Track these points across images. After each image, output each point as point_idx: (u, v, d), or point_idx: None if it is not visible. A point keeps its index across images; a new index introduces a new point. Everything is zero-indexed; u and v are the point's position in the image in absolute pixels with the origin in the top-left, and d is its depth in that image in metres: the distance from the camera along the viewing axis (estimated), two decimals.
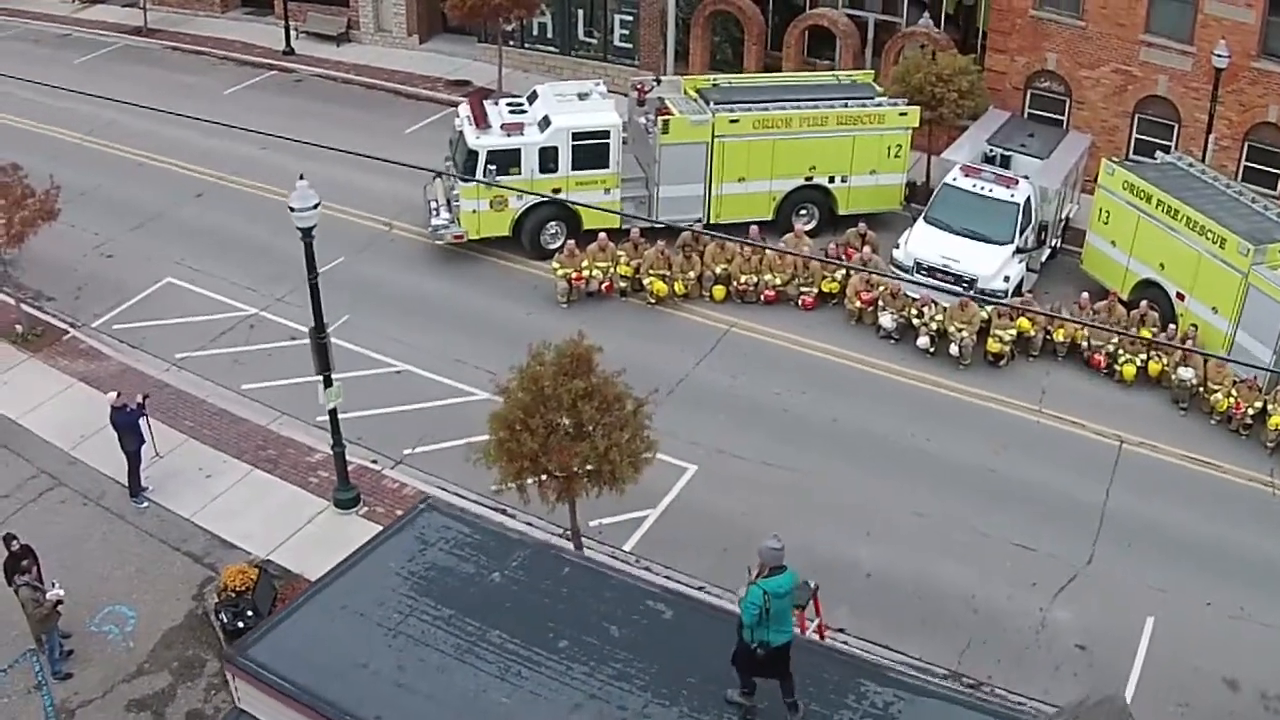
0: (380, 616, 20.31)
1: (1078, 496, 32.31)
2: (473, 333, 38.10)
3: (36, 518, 31.53)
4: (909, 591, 29.48)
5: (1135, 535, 31.17)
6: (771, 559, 18.88)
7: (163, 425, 34.09)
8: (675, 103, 43.26)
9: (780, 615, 18.77)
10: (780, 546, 18.94)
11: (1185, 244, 36.82)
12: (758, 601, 18.51)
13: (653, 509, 31.50)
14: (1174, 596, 29.45)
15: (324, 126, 50.56)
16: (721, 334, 38.52)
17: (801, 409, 35.39)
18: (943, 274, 38.50)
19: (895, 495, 32.25)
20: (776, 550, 18.91)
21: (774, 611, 18.60)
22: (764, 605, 18.46)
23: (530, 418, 25.45)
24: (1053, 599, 29.28)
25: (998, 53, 47.44)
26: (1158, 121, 44.75)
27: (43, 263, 40.99)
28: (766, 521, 30.80)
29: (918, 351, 37.38)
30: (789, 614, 19.20)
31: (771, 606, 18.53)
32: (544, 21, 56.39)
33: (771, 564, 18.86)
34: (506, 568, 21.24)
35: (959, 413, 35.48)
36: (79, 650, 27.92)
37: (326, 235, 41.12)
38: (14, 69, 54.98)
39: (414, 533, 22.15)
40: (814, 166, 42.92)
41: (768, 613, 18.51)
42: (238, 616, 27.38)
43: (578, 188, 41.36)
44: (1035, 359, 37.36)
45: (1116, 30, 44.29)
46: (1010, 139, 42.27)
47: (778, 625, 18.74)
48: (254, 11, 64.86)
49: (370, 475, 32.85)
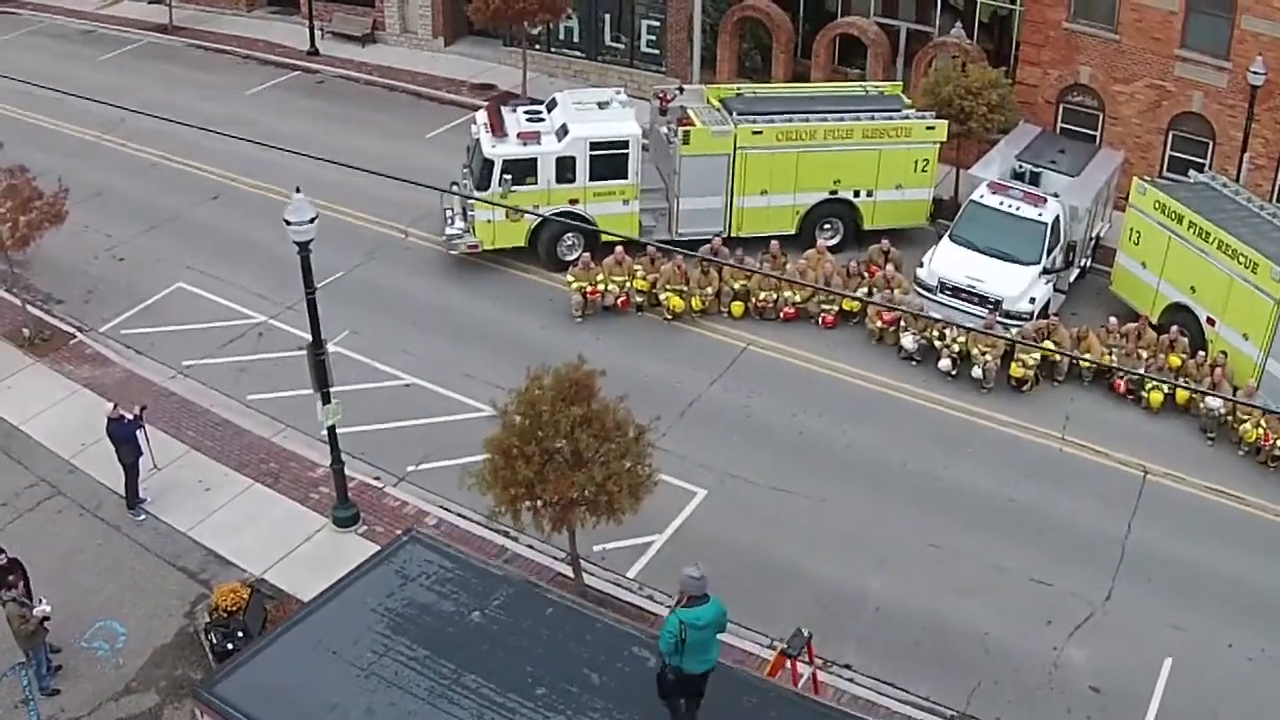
0: (354, 655, 19.64)
1: (1098, 529, 31.30)
2: (484, 346, 37.37)
3: (33, 527, 31.15)
4: (920, 627, 28.55)
5: (1156, 571, 30.15)
6: (691, 588, 18.61)
7: (165, 435, 33.69)
8: (698, 112, 42.35)
9: (700, 646, 18.50)
10: (700, 576, 18.65)
11: (1217, 267, 35.81)
12: (674, 631, 18.32)
13: (659, 534, 30.66)
14: (1193, 637, 28.43)
15: (345, 128, 50.44)
16: (738, 352, 37.66)
17: (817, 432, 34.51)
18: (967, 294, 37.55)
19: (910, 524, 31.32)
20: (696, 580, 18.63)
21: (692, 642, 18.37)
22: (680, 635, 18.23)
23: (526, 444, 24.72)
24: (1068, 638, 28.30)
25: (1030, 65, 46.49)
26: (1192, 139, 43.68)
27: (54, 264, 40.80)
28: (776, 550, 30.34)
29: (939, 374, 36.39)
30: (711, 645, 18.82)
31: (689, 637, 18.29)
32: (570, 26, 55.66)
33: (691, 593, 18.58)
34: (487, 606, 20.52)
35: (980, 439, 34.50)
36: (68, 666, 27.44)
37: (340, 240, 41.08)
38: (36, 65, 55.39)
39: (395, 566, 21.47)
40: (839, 180, 41.97)
41: (684, 642, 18.29)
42: (228, 638, 26.73)
43: (596, 199, 40.57)
44: (1060, 383, 36.36)
45: (1151, 44, 43.27)
46: (1040, 155, 41.20)
47: (697, 655, 18.52)
48: (280, 10, 64.35)
49: (371, 493, 32.17)
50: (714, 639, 18.78)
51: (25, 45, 61.29)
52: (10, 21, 64.85)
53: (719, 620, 18.76)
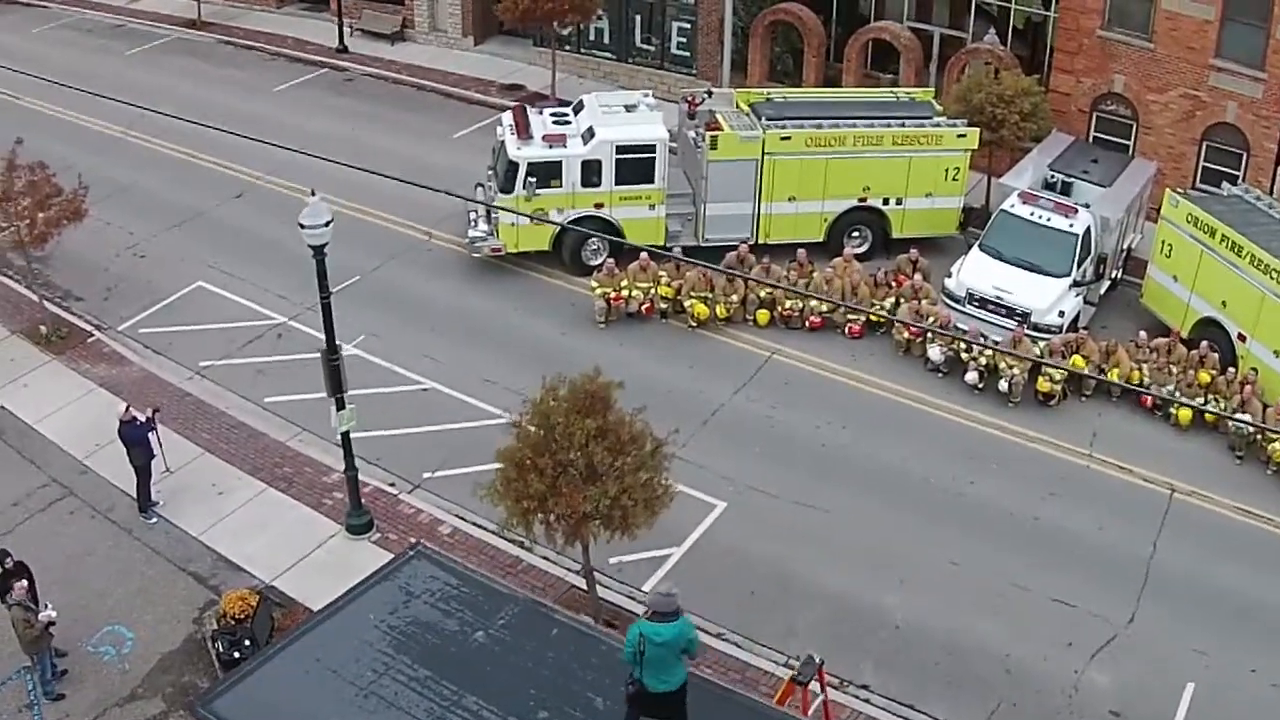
0: (353, 674, 19.21)
1: (1123, 549, 30.71)
2: (505, 351, 36.98)
3: (44, 528, 30.97)
4: (939, 646, 28.01)
5: (1180, 593, 29.55)
6: (656, 604, 18.32)
7: (180, 437, 33.51)
8: (726, 117, 41.83)
9: (658, 663, 18.15)
10: (669, 594, 18.30)
11: (1249, 282, 35.16)
12: (633, 642, 18.13)
13: (676, 547, 30.20)
14: (1216, 660, 27.82)
15: (371, 127, 50.19)
16: (763, 361, 37.16)
17: (840, 445, 34.01)
18: (995, 306, 37.00)
19: (932, 541, 30.78)
20: (664, 597, 18.31)
21: (650, 657, 18.08)
22: (639, 647, 17.99)
23: (539, 457, 24.29)
24: (1089, 660, 27.72)
25: (1063, 73, 45.85)
26: (1226, 149, 42.95)
27: (75, 261, 40.70)
28: (795, 565, 29.91)
29: (965, 387, 35.81)
30: (672, 665, 18.37)
31: (647, 651, 18.02)
32: (601, 27, 55.17)
33: (655, 608, 18.27)
34: (492, 626, 20.05)
35: (1005, 454, 33.92)
36: (74, 670, 27.23)
37: (363, 241, 40.86)
38: (66, 58, 55.60)
39: (399, 582, 21.03)
40: (868, 187, 41.42)
41: (643, 655, 18.02)
42: (234, 646, 26.47)
43: (621, 203, 40.12)
44: (1088, 399, 35.76)
45: (1186, 53, 42.58)
46: (1072, 164, 40.56)
47: (656, 673, 18.18)
48: (310, 7, 64.05)
49: (386, 499, 31.79)
50: (676, 660, 18.33)
51: (56, 39, 61.31)
52: (42, 15, 64.81)
53: (680, 642, 18.28)
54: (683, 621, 18.22)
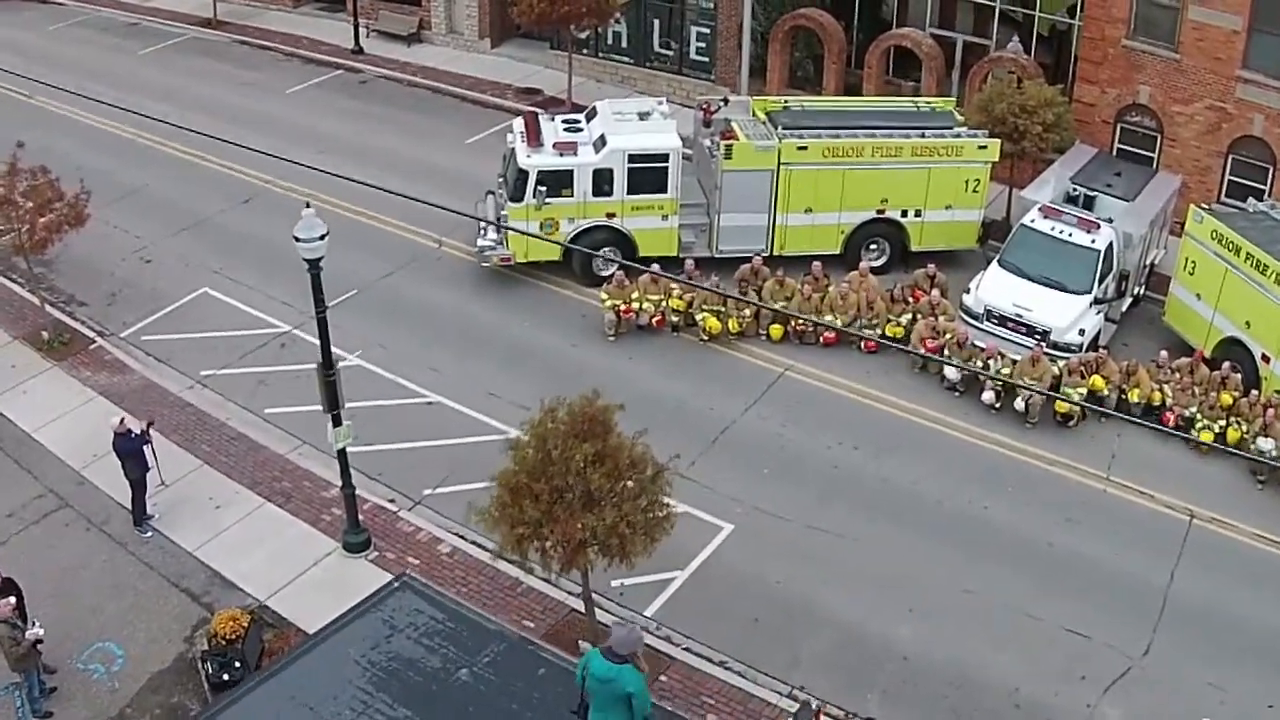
0: (331, 711, 18.56)
1: (1140, 577, 29.84)
2: (512, 364, 36.30)
3: (37, 541, 30.49)
4: (947, 680, 27.17)
5: (1197, 624, 28.67)
6: (614, 639, 17.97)
7: (178, 449, 33.00)
8: (742, 125, 41.09)
9: (599, 699, 17.87)
10: (627, 636, 17.99)
11: (1274, 302, 34.32)
12: (581, 667, 18.11)
13: (681, 570, 29.43)
14: (1233, 696, 26.93)
15: (384, 130, 49.74)
16: (775, 377, 36.40)
17: (852, 466, 33.22)
18: (1014, 323, 36.19)
19: (944, 568, 29.96)
20: (620, 638, 17.96)
21: (591, 689, 17.85)
22: (582, 672, 17.90)
23: (535, 482, 23.56)
24: (1102, 694, 26.87)
25: (1087, 84, 45.02)
26: (1252, 163, 42.08)
27: (80, 265, 40.34)
28: (803, 591, 29.21)
29: (982, 407, 35.01)
30: (612, 708, 17.88)
31: (588, 683, 17.82)
32: (619, 31, 54.47)
33: (611, 644, 17.89)
34: (476, 664, 19.35)
35: (1021, 477, 33.11)
36: (63, 687, 26.74)
37: (371, 249, 40.36)
38: (80, 57, 55.43)
39: (382, 615, 20.34)
40: (886, 199, 40.61)
41: (584, 682, 17.88)
42: (224, 668, 25.97)
43: (634, 213, 39.39)
44: (1107, 420, 34.90)
45: (1212, 64, 41.74)
46: (1095, 178, 39.67)
47: (598, 708, 17.91)
48: (326, 7, 63.57)
49: (385, 516, 31.14)
50: (613, 707, 17.81)
51: (71, 37, 61.02)
52: (57, 13, 64.55)
53: (616, 689, 17.74)
54: (628, 670, 17.70)
